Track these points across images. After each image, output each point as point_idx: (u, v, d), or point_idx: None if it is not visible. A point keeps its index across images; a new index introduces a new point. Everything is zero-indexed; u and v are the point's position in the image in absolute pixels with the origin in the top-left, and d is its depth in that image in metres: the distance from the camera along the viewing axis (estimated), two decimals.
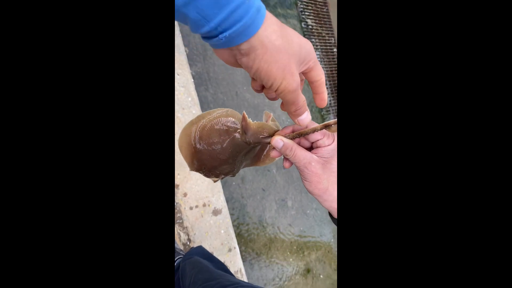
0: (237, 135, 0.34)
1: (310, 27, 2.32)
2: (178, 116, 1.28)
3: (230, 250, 1.34)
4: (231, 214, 1.50)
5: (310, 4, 2.38)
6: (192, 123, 0.35)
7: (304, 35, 2.27)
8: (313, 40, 2.31)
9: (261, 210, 1.71)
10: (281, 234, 1.78)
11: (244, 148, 0.35)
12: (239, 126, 0.34)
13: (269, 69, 0.26)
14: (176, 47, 1.34)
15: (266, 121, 0.37)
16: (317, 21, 2.39)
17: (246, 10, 0.23)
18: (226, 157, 0.36)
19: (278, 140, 0.33)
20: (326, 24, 2.43)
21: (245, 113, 0.33)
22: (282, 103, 0.32)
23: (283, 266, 1.74)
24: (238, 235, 1.54)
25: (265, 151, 0.41)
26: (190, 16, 0.22)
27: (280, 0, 2.18)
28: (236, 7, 0.23)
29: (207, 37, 0.25)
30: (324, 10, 2.45)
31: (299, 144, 0.35)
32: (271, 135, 0.34)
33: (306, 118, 0.32)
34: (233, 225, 1.43)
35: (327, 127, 0.32)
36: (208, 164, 0.36)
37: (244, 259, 1.53)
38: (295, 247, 1.83)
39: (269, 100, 0.33)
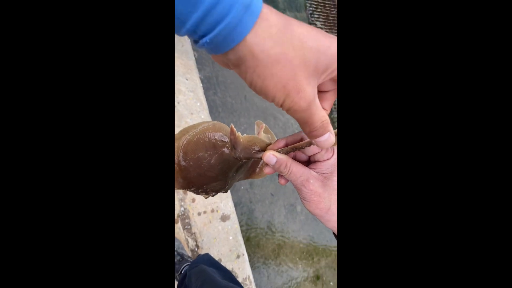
0: (225, 150, 0.31)
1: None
2: (187, 121, 1.28)
3: (238, 256, 1.32)
4: (240, 220, 1.48)
5: (320, 7, 2.36)
6: (175, 138, 0.32)
7: None
8: None
9: (269, 215, 1.69)
10: (290, 239, 1.75)
11: (235, 163, 0.32)
12: (227, 140, 0.31)
13: (264, 84, 0.20)
14: (185, 53, 1.34)
15: (258, 132, 0.34)
16: (326, 23, 2.36)
17: (229, 7, 0.18)
18: (215, 174, 0.33)
19: (271, 156, 0.28)
20: (336, 27, 2.40)
21: (233, 126, 0.29)
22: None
23: (292, 272, 1.71)
24: (247, 241, 1.53)
25: (260, 163, 0.37)
26: None
27: (289, 2, 2.16)
28: (213, 3, 0.17)
29: (193, 42, 0.20)
30: (334, 12, 2.43)
31: (294, 158, 0.30)
32: (263, 149, 0.30)
33: (327, 140, 0.24)
34: (241, 230, 1.42)
35: None
36: (196, 182, 0.33)
37: (252, 265, 1.51)
38: (304, 253, 1.80)
39: None
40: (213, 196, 0.36)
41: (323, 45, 0.21)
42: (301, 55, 0.20)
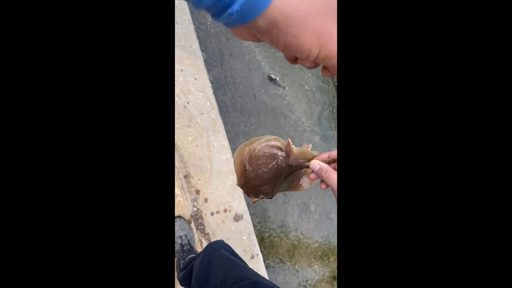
0: (281, 158, 0.41)
1: None
2: (197, 121, 1.27)
3: (253, 257, 1.31)
4: (253, 219, 1.47)
5: None
6: (245, 145, 0.42)
7: None
8: None
9: (283, 214, 1.66)
10: (305, 239, 1.72)
11: (286, 171, 0.41)
12: (283, 151, 0.41)
13: (299, 42, 0.21)
14: (193, 53, 1.34)
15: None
16: None
17: None
18: (269, 178, 0.42)
19: (316, 164, 0.37)
20: None
21: (289, 140, 0.39)
22: (324, 68, 0.26)
23: (308, 272, 1.68)
24: (261, 241, 1.51)
25: (300, 179, 0.47)
26: None
27: None
28: None
29: (215, 14, 0.20)
30: None
31: (334, 169, 0.38)
32: (310, 160, 0.39)
33: None
34: (255, 230, 1.40)
35: None
36: (252, 182, 0.42)
37: (267, 266, 1.49)
38: (319, 253, 1.76)
39: (307, 68, 0.28)
40: (261, 199, 0.45)
41: None
42: (326, 1, 0.20)
